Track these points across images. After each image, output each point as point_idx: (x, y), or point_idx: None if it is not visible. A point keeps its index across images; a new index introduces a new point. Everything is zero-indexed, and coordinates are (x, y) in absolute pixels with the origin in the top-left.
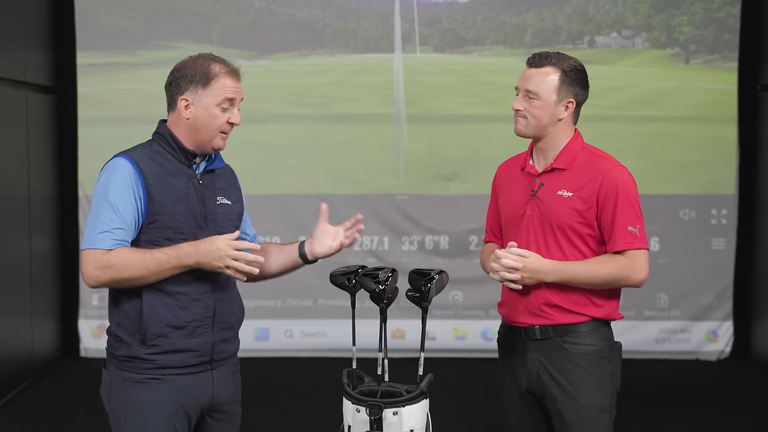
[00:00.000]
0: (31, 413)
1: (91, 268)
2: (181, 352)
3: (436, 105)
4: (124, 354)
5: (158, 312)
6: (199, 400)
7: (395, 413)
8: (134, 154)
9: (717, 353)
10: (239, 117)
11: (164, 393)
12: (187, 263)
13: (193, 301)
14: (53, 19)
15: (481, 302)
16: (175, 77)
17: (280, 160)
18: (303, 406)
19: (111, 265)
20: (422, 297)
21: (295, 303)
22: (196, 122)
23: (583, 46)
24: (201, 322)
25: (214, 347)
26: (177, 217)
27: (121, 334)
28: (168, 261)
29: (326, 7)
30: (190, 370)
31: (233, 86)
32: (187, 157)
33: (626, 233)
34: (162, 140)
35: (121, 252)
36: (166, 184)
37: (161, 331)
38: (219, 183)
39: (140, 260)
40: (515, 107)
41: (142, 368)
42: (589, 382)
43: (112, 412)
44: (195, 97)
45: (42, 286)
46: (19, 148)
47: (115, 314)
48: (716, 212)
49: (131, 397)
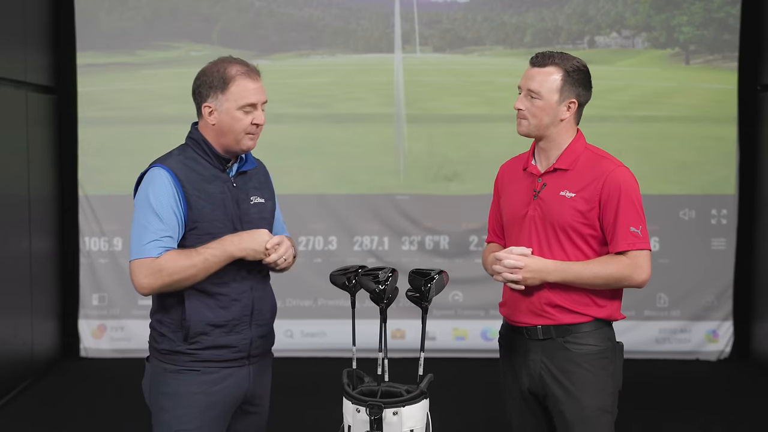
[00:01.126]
0: (31, 413)
1: (142, 276)
2: (221, 348)
3: (436, 105)
4: (166, 348)
5: (200, 312)
6: (236, 393)
7: (395, 413)
8: (170, 162)
9: (717, 353)
10: (263, 117)
11: (202, 384)
12: (231, 252)
13: (232, 301)
14: (53, 19)
15: (481, 302)
16: (197, 84)
17: (280, 160)
18: (303, 406)
19: (161, 269)
20: (422, 297)
21: (295, 303)
22: (221, 127)
23: (583, 46)
24: (240, 320)
25: (252, 343)
26: (216, 223)
27: (164, 330)
28: (213, 254)
29: (326, 7)
30: (228, 364)
31: (253, 87)
32: (221, 161)
33: (628, 234)
34: (196, 146)
35: (168, 255)
36: (203, 191)
37: (203, 330)
38: (252, 182)
39: (187, 260)
40: (517, 106)
41: (183, 360)
42: (591, 383)
43: (153, 403)
44: (216, 103)
45: (42, 286)
46: (19, 148)
47: (158, 312)
48: (716, 212)
49: (171, 387)
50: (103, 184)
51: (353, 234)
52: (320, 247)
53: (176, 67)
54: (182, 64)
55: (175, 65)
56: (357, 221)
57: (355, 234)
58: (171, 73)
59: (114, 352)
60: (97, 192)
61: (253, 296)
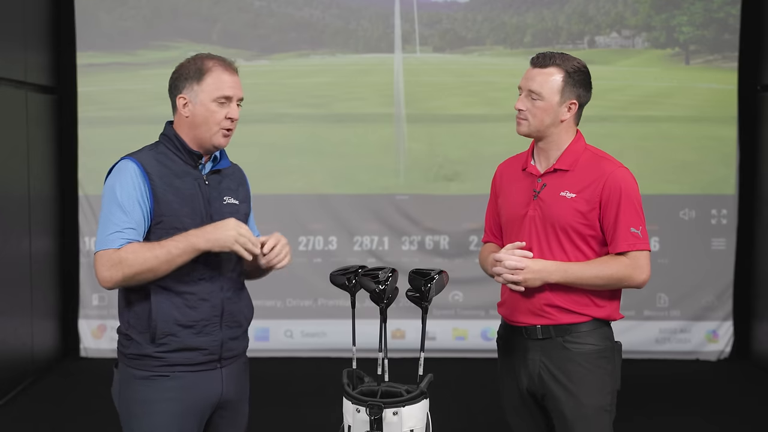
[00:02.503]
0: (31, 413)
1: (104, 268)
2: (190, 350)
3: (436, 105)
4: (134, 352)
5: (167, 311)
6: (208, 398)
7: (395, 413)
8: (140, 156)
9: (717, 353)
10: (238, 112)
11: (173, 390)
12: (195, 243)
13: (200, 301)
14: (53, 19)
15: (481, 302)
16: (173, 78)
17: (280, 160)
18: (303, 406)
19: (121, 260)
20: (422, 297)
21: (295, 303)
22: (195, 119)
23: (583, 46)
24: (209, 321)
25: (223, 345)
26: (183, 218)
27: (131, 333)
28: (176, 246)
29: (326, 7)
30: (198, 367)
31: (229, 79)
32: (193, 158)
33: (629, 234)
34: (168, 141)
35: (130, 247)
36: (172, 185)
37: (170, 330)
38: (226, 183)
39: (149, 252)
40: (518, 107)
41: (152, 365)
42: (590, 381)
43: (123, 410)
44: (191, 95)
45: (42, 286)
46: (19, 148)
47: (125, 314)
48: (716, 212)
49: (141, 394)
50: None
51: (353, 234)
52: (320, 247)
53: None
54: None
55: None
56: (357, 221)
57: (355, 234)
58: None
59: (114, 352)
60: (97, 192)
61: (222, 296)
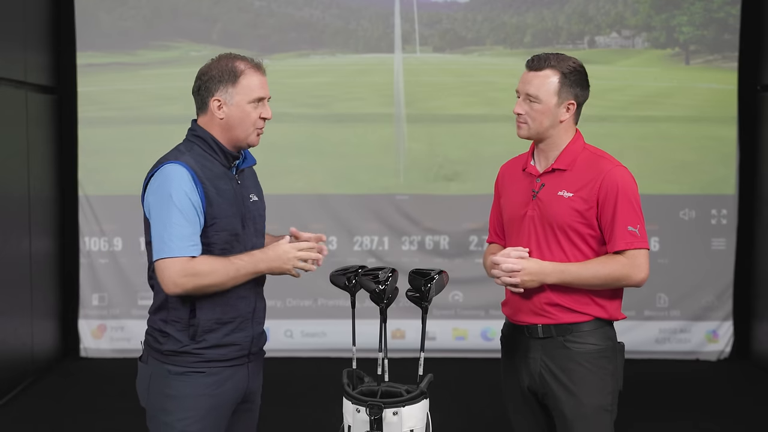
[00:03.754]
0: (31, 413)
1: (176, 276)
2: (226, 347)
3: (436, 105)
4: (171, 348)
5: (209, 309)
6: (237, 392)
7: (395, 413)
8: (185, 159)
9: (717, 353)
10: (270, 111)
11: (208, 386)
12: (260, 269)
13: (239, 299)
14: (53, 19)
15: (481, 302)
16: (203, 81)
17: (280, 160)
18: (303, 406)
19: (197, 273)
20: (422, 297)
21: (295, 303)
22: (230, 120)
23: (583, 46)
24: (245, 318)
25: (253, 341)
26: (232, 220)
27: (169, 330)
28: (245, 267)
29: (326, 7)
30: (231, 362)
31: (261, 80)
32: (228, 159)
33: (626, 233)
34: (202, 143)
35: (205, 260)
36: (218, 187)
37: (211, 327)
38: (248, 181)
39: (222, 267)
40: (516, 111)
41: (189, 362)
42: (590, 381)
43: (152, 405)
44: (226, 96)
45: (42, 286)
46: (19, 148)
47: (162, 312)
48: (716, 212)
49: (175, 390)
50: (103, 184)
51: (353, 234)
52: None
53: (176, 67)
54: (182, 64)
55: (175, 65)
56: (357, 221)
57: (355, 234)
58: (171, 73)
59: (114, 352)
60: (97, 192)
61: (255, 293)
